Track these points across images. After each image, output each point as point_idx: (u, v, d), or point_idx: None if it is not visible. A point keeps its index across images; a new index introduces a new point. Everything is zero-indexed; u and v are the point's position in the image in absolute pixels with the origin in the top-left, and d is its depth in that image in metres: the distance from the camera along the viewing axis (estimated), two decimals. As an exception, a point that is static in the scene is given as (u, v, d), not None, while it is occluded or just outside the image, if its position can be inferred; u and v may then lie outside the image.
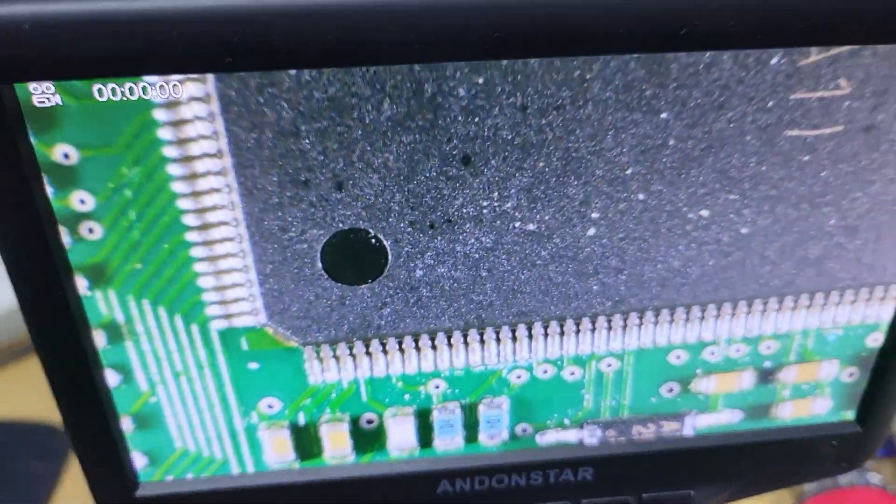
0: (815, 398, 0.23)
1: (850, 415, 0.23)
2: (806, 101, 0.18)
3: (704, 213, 0.19)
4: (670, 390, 0.22)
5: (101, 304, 0.19)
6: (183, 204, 0.17)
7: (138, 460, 0.21)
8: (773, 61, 0.17)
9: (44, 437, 0.55)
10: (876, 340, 0.22)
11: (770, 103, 0.18)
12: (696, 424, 0.23)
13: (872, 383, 0.22)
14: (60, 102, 0.16)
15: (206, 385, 0.20)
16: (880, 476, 0.53)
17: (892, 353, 0.22)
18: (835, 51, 0.17)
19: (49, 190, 0.17)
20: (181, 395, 0.20)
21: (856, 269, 0.20)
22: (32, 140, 0.16)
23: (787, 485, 0.24)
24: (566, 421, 0.22)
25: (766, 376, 0.22)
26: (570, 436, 0.22)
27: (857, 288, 0.21)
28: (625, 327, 0.21)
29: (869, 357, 0.22)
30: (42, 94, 0.16)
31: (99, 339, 0.19)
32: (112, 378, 0.20)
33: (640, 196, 0.19)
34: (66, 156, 0.17)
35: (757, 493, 0.24)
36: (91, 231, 0.18)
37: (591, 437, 0.22)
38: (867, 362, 0.22)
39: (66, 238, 0.18)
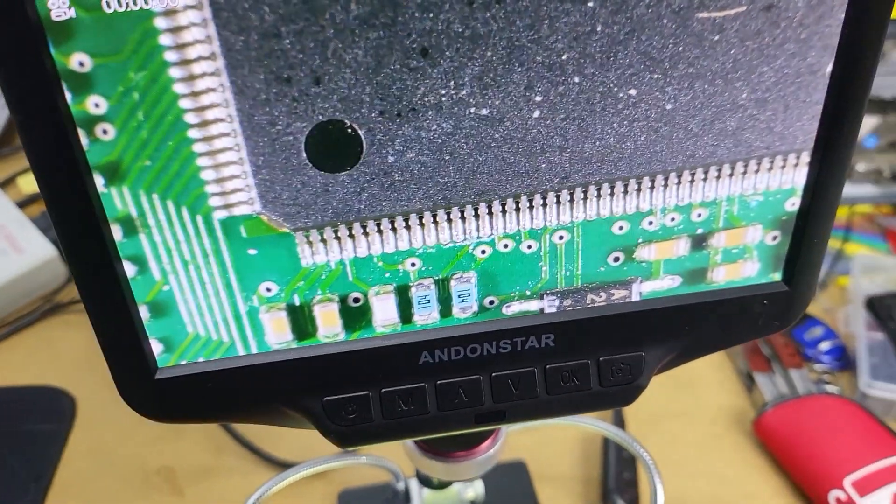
0: (745, 261, 0.26)
1: (777, 276, 0.26)
2: (711, -14, 0.21)
3: (633, 92, 0.22)
4: (616, 259, 0.25)
5: (117, 200, 0.21)
6: (184, 103, 0.20)
7: (155, 347, 0.24)
8: (680, -48, 0.20)
9: (51, 400, 0.58)
10: (794, 205, 0.25)
11: (680, -11, 0.21)
12: (641, 290, 0.26)
13: (794, 245, 0.26)
14: (74, 15, 0.19)
15: (211, 272, 0.23)
16: (837, 387, 0.57)
17: (809, 216, 0.25)
18: (732, -59, 0.20)
19: (67, 95, 0.20)
20: (190, 282, 0.23)
21: (769, 139, 0.23)
22: (52, 50, 0.19)
23: (728, 345, 0.27)
24: (527, 292, 0.25)
25: (699, 242, 0.25)
26: (532, 305, 0.25)
27: (772, 156, 0.24)
28: (572, 201, 0.24)
29: (789, 220, 0.25)
30: (59, 8, 0.18)
31: (116, 232, 0.22)
32: (129, 269, 0.22)
33: (576, 79, 0.22)
34: (81, 64, 0.19)
35: (702, 353, 0.27)
36: (105, 132, 0.20)
37: (550, 306, 0.25)
38: (788, 225, 0.25)
39: (83, 139, 0.20)
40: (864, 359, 0.57)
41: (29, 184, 0.74)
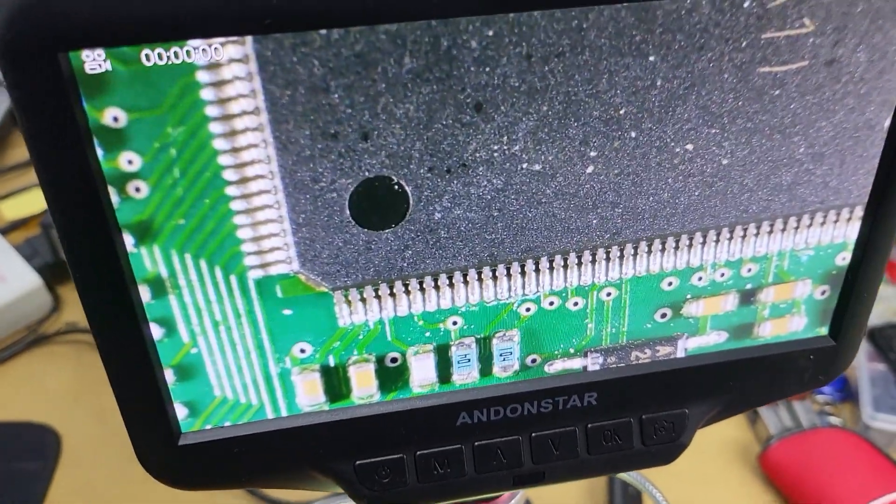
0: (792, 316, 0.25)
1: (823, 330, 0.26)
2: (775, 39, 0.20)
3: (689, 147, 0.21)
4: (664, 315, 0.24)
5: (147, 260, 0.20)
6: (223, 160, 0.19)
7: (180, 411, 0.23)
8: (746, 4, 0.19)
9: (34, 436, 0.55)
10: (844, 259, 0.24)
11: (744, 43, 0.20)
12: (687, 346, 0.25)
13: (842, 299, 0.25)
14: (110, 69, 0.17)
15: (243, 333, 0.22)
16: (840, 419, 0.56)
17: (859, 270, 0.24)
18: (798, -6, 0.19)
19: (99, 152, 0.18)
20: (220, 344, 0.22)
21: (823, 193, 0.23)
22: (84, 105, 0.18)
23: (771, 399, 0.26)
24: (571, 350, 0.24)
25: (747, 297, 0.24)
26: (576, 364, 0.24)
27: (825, 210, 0.23)
28: (622, 258, 0.23)
29: (839, 275, 0.25)
30: (94, 60, 0.17)
31: (144, 294, 0.20)
32: (156, 331, 0.21)
33: (633, 134, 0.21)
34: (115, 119, 0.18)
35: (745, 409, 0.26)
36: (138, 190, 0.19)
37: (593, 364, 0.24)
38: (837, 280, 0.25)
39: (114, 198, 0.19)
40: (867, 390, 0.56)
41: (11, 209, 0.72)
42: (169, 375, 0.22)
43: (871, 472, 0.50)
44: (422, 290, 0.22)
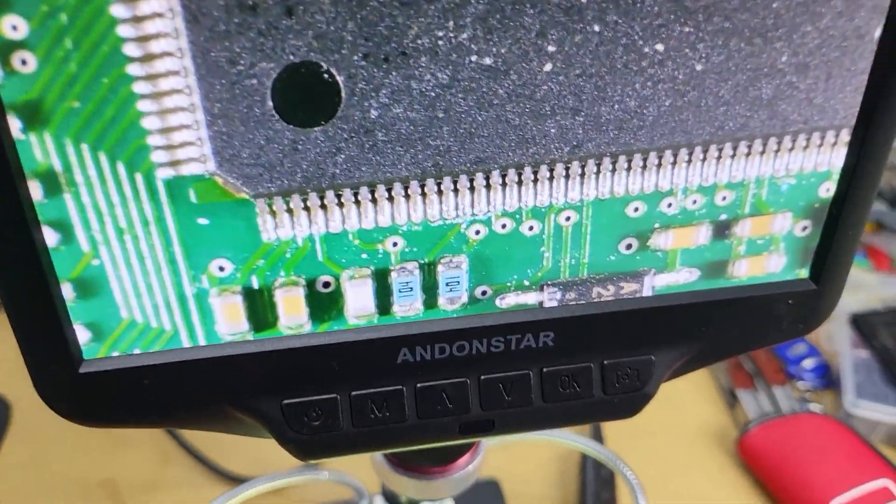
0: (770, 255, 0.23)
1: (804, 272, 0.23)
2: (757, -78, 0.18)
3: (659, 47, 0.19)
4: (629, 246, 0.22)
5: (37, 149, 0.17)
6: (123, 31, 0.16)
7: (81, 334, 0.20)
8: None
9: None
10: (828, 190, 0.22)
11: (722, -76, 0.18)
12: (654, 284, 0.22)
13: (825, 238, 0.23)
14: None
15: (152, 244, 0.19)
16: (821, 406, 0.54)
17: (845, 204, 0.22)
18: None
19: (-24, 12, 0.16)
20: (126, 256, 0.19)
21: (808, 111, 0.20)
22: (-44, -48, 0.15)
23: (746, 349, 0.24)
24: (526, 282, 0.22)
25: (721, 230, 0.22)
26: (530, 298, 0.22)
27: (809, 132, 0.21)
28: (583, 175, 0.20)
29: (821, 208, 0.22)
30: None
31: (35, 190, 0.18)
32: (50, 237, 0.19)
33: (596, 27, 0.18)
34: (-6, -28, 0.16)
35: (716, 359, 0.24)
36: (24, 63, 0.16)
37: (551, 299, 0.22)
38: (820, 214, 0.22)
39: (-4, 71, 0.16)
40: (850, 377, 0.55)
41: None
42: (67, 290, 0.19)
43: (854, 459, 0.48)
44: (357, 202, 0.20)
